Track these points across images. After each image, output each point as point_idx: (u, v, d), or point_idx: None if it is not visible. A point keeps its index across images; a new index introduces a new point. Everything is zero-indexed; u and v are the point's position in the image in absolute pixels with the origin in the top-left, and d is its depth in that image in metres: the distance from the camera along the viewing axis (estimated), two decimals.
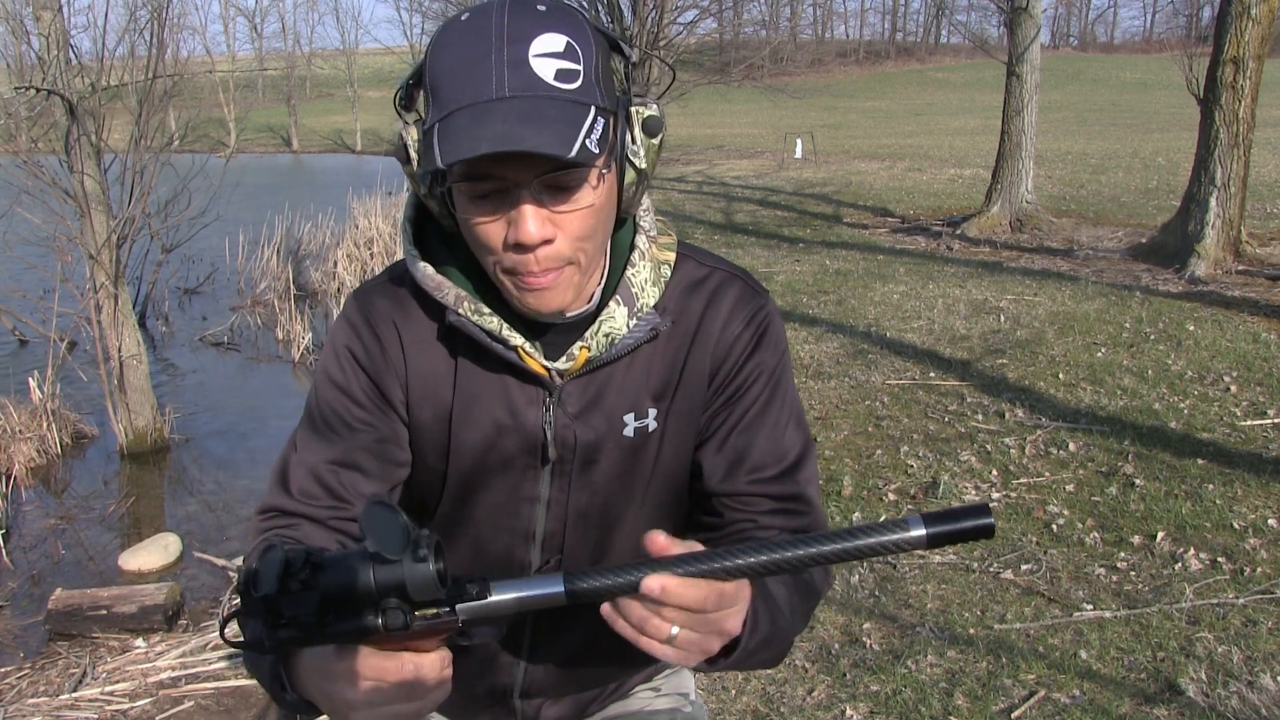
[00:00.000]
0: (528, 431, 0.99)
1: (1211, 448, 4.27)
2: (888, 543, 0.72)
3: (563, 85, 0.83)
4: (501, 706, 1.15)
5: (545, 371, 0.97)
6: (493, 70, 0.82)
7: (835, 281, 8.30)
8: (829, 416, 4.97)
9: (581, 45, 0.85)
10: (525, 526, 1.04)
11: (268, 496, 1.02)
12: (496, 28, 0.83)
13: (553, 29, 0.84)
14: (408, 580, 0.67)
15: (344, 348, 1.00)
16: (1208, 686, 2.61)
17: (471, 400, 0.99)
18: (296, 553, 0.68)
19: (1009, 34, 10.69)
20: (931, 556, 3.45)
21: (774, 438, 1.03)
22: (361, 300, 1.01)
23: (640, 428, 1.01)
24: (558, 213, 0.86)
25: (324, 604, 0.69)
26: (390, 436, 1.00)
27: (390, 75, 52.19)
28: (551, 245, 0.87)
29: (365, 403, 0.99)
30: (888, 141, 22.87)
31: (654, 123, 0.90)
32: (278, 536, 0.95)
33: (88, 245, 5.50)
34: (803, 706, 2.65)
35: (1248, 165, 7.97)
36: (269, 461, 5.32)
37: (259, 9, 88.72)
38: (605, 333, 0.95)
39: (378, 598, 0.69)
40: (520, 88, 0.81)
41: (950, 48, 65.55)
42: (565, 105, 0.82)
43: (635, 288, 0.97)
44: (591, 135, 0.81)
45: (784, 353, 1.05)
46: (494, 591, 0.73)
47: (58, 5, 5.35)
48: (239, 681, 3.13)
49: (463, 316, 0.95)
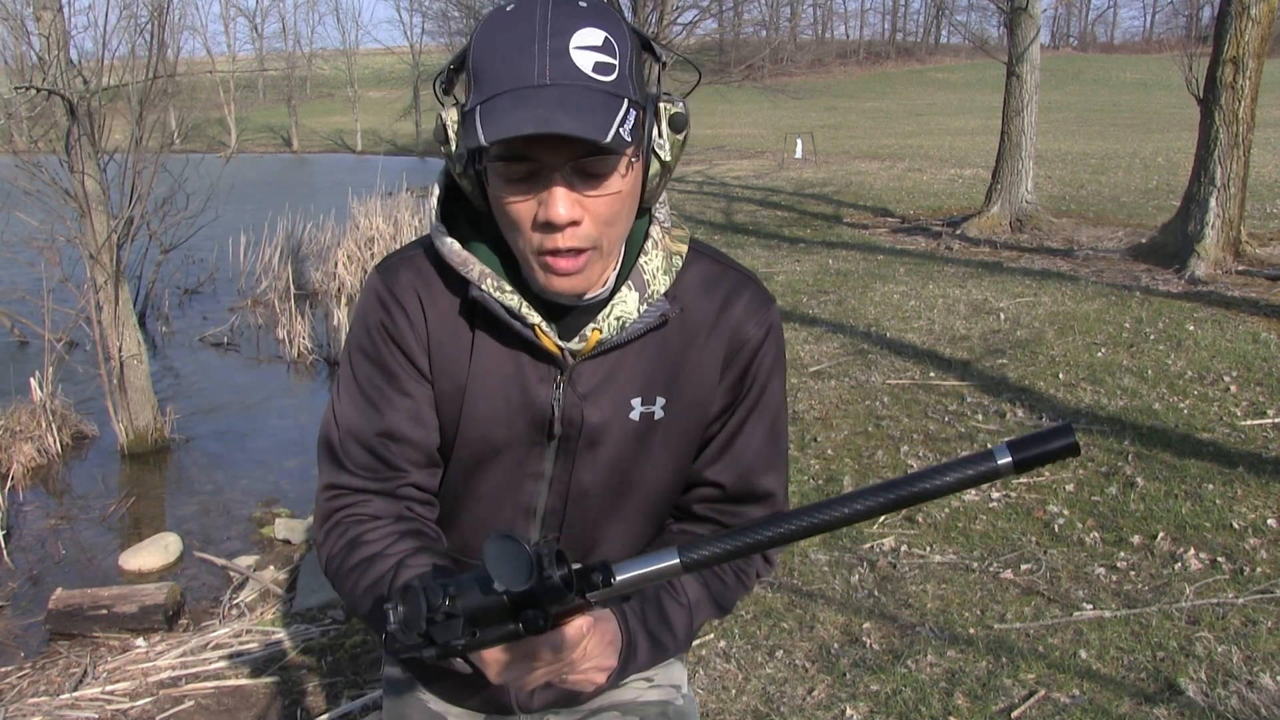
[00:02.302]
0: (537, 407, 1.02)
1: (1211, 448, 4.27)
2: (976, 475, 0.73)
3: (600, 77, 0.88)
4: (495, 692, 1.16)
5: (559, 350, 1.00)
6: (535, 59, 0.87)
7: (835, 281, 8.31)
8: (829, 416, 4.97)
9: (618, 41, 0.90)
10: (528, 502, 1.07)
11: (325, 474, 1.06)
12: (540, 20, 0.88)
13: (593, 24, 0.89)
14: (539, 594, 0.74)
15: (377, 322, 1.03)
16: (1207, 686, 2.61)
17: (486, 374, 1.02)
18: (434, 587, 0.76)
19: (1009, 34, 10.70)
20: (931, 556, 3.46)
21: (771, 437, 1.11)
22: (386, 274, 1.04)
23: (646, 414, 1.05)
24: (587, 196, 0.91)
25: (469, 624, 0.76)
26: (426, 403, 1.04)
27: (390, 75, 52.20)
28: (578, 227, 0.91)
29: (399, 374, 1.03)
30: (888, 142, 22.88)
31: (680, 119, 0.96)
32: (416, 572, 0.99)
33: (88, 245, 5.50)
34: (803, 706, 2.65)
35: (1248, 165, 7.97)
36: (269, 461, 5.30)
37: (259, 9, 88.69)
38: (617, 316, 1.00)
39: (515, 611, 0.76)
40: (561, 76, 0.86)
41: (950, 48, 65.54)
42: (601, 95, 0.87)
43: (647, 275, 1.01)
44: (625, 125, 0.86)
45: (784, 360, 1.12)
46: (618, 574, 0.78)
47: (58, 5, 5.35)
48: (239, 681, 3.14)
49: (485, 292, 0.98)
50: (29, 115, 6.35)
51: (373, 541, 1.01)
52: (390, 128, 39.31)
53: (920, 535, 3.63)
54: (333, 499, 1.06)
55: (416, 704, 1.21)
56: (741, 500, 1.12)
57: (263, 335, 9.04)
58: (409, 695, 1.22)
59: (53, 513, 5.12)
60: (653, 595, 1.06)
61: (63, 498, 5.37)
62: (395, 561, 0.98)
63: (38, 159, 5.81)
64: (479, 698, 1.17)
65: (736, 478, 1.11)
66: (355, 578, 1.00)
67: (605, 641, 0.95)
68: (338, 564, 1.03)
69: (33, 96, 5.61)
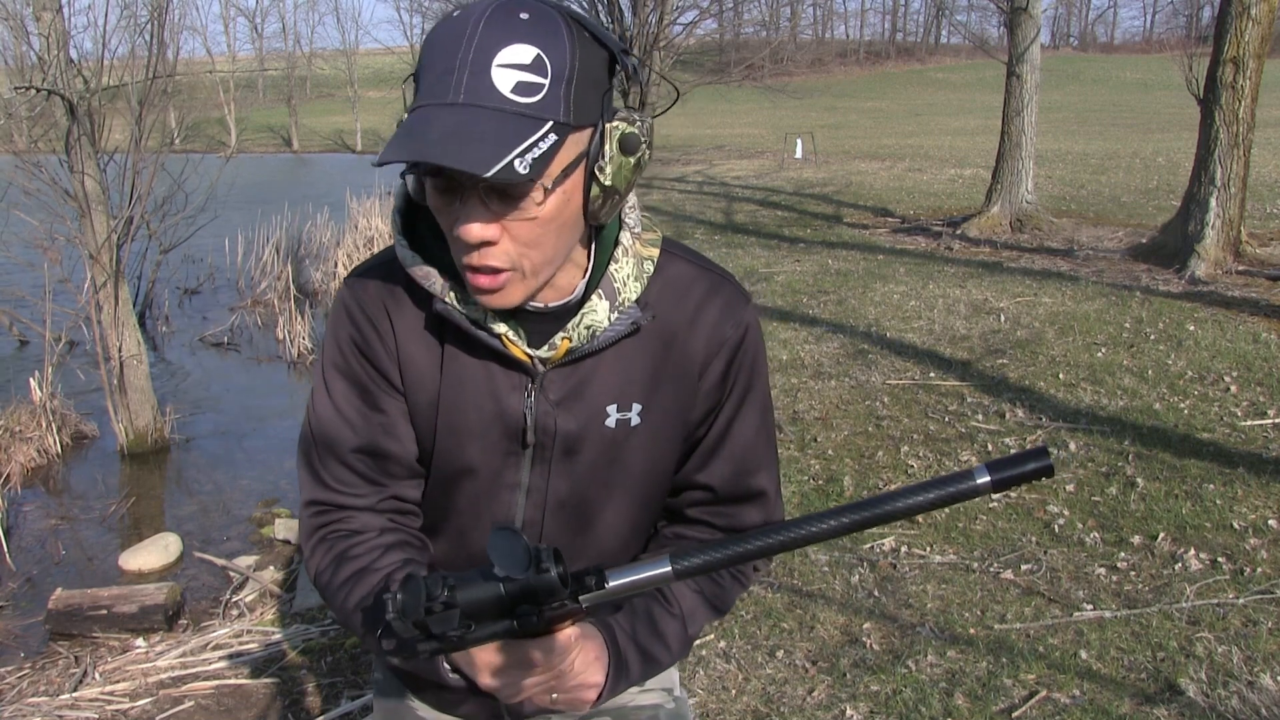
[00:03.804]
0: (510, 416, 1.01)
1: (1212, 448, 4.27)
2: (955, 493, 0.78)
3: (517, 98, 0.84)
4: (484, 700, 1.15)
5: (528, 358, 0.99)
6: (454, 73, 0.84)
7: (835, 281, 8.30)
8: (829, 416, 4.97)
9: (553, 58, 0.85)
10: (506, 513, 1.06)
11: (306, 490, 1.06)
12: (471, 31, 0.85)
13: (524, 40, 0.84)
14: (535, 589, 0.76)
15: (347, 337, 1.03)
16: (1208, 686, 2.61)
17: (457, 386, 1.01)
18: (434, 578, 0.78)
19: (1009, 34, 10.69)
20: (932, 556, 3.45)
21: (759, 436, 1.11)
22: (354, 287, 1.03)
23: (623, 420, 1.03)
24: (505, 219, 0.88)
25: (465, 617, 0.78)
26: (401, 416, 1.04)
27: (390, 75, 52.19)
28: (494, 246, 0.89)
29: (372, 389, 1.03)
30: (888, 141, 22.87)
31: (631, 140, 0.91)
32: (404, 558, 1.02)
33: (88, 245, 5.50)
34: (803, 706, 2.65)
35: (1248, 165, 7.97)
36: (269, 461, 5.29)
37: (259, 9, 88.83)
38: (587, 325, 0.98)
39: (510, 606, 0.78)
40: (473, 96, 0.84)
41: (950, 48, 65.55)
42: (508, 120, 0.83)
43: (618, 282, 0.99)
44: (528, 154, 0.82)
45: (764, 356, 1.11)
46: (610, 579, 0.81)
47: (58, 5, 5.35)
48: (239, 681, 3.14)
49: (449, 305, 0.97)
50: (29, 115, 6.35)
51: (359, 556, 1.01)
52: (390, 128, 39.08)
53: (920, 535, 3.63)
54: (316, 515, 1.05)
55: (407, 711, 1.21)
56: (734, 501, 1.11)
57: (262, 335, 9.04)
58: (400, 702, 1.22)
59: (53, 513, 5.12)
60: (643, 609, 1.05)
61: (63, 498, 5.37)
62: (383, 576, 0.99)
63: (38, 159, 5.80)
64: (469, 706, 1.17)
65: (727, 479, 1.10)
66: (345, 593, 1.00)
67: (590, 659, 0.95)
68: (326, 579, 1.03)
69: (33, 96, 5.61)
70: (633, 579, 0.81)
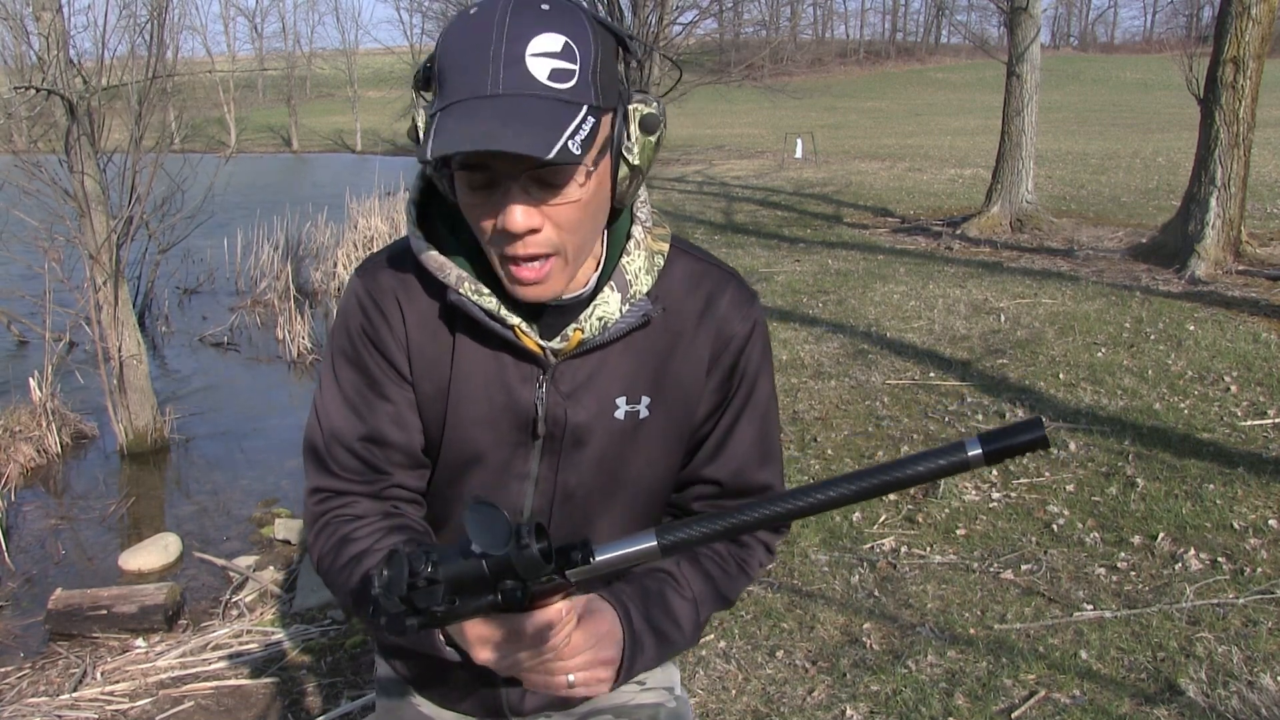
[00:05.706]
0: (520, 407, 1.02)
1: (1212, 448, 4.27)
2: (946, 466, 0.76)
3: (555, 85, 0.86)
4: (486, 695, 1.16)
5: (540, 350, 1.00)
6: (489, 67, 0.86)
7: (835, 281, 8.30)
8: (829, 416, 4.97)
9: (580, 45, 0.88)
10: (514, 503, 1.07)
11: (311, 478, 1.07)
12: (498, 25, 0.87)
13: (552, 29, 0.87)
14: (517, 565, 0.75)
15: (357, 326, 1.04)
16: (1208, 687, 2.61)
17: (468, 376, 1.02)
18: (417, 554, 0.77)
19: (1009, 34, 10.69)
20: (932, 556, 3.45)
21: (764, 432, 1.12)
22: (366, 277, 1.05)
23: (631, 413, 1.04)
24: (546, 204, 0.90)
25: (449, 592, 0.78)
26: (408, 406, 1.05)
27: (390, 75, 52.17)
28: (538, 234, 0.91)
29: (381, 378, 1.03)
30: (888, 141, 22.87)
31: (651, 120, 0.94)
32: (406, 540, 1.01)
33: (87, 245, 5.50)
34: (803, 706, 2.65)
35: (1248, 165, 7.97)
36: (269, 461, 5.30)
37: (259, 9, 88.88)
38: (599, 316, 1.00)
39: (494, 582, 0.77)
40: (513, 86, 0.86)
41: (950, 48, 65.52)
42: (554, 105, 0.86)
43: (629, 275, 1.01)
44: (576, 136, 0.85)
45: (770, 353, 1.12)
46: (597, 554, 0.80)
47: (57, 5, 5.35)
48: (239, 681, 3.13)
49: (463, 296, 0.98)
50: (29, 115, 6.35)
51: (362, 538, 1.02)
52: (390, 128, 39.26)
53: (920, 535, 3.63)
54: (320, 502, 1.07)
55: (409, 708, 1.21)
56: (739, 495, 1.12)
57: (262, 335, 9.03)
58: (402, 699, 1.22)
59: (52, 513, 5.11)
60: (656, 590, 1.05)
61: (62, 498, 5.37)
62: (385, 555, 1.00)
63: (37, 159, 5.80)
64: (471, 701, 1.17)
65: (732, 474, 1.11)
66: (346, 575, 1.01)
67: (599, 633, 0.95)
68: (329, 563, 1.04)
69: (32, 96, 5.61)
70: (620, 553, 0.81)
